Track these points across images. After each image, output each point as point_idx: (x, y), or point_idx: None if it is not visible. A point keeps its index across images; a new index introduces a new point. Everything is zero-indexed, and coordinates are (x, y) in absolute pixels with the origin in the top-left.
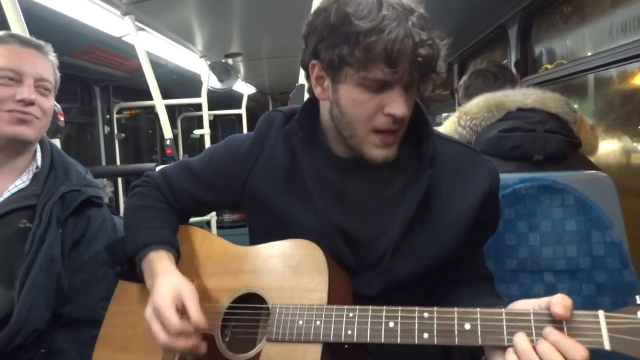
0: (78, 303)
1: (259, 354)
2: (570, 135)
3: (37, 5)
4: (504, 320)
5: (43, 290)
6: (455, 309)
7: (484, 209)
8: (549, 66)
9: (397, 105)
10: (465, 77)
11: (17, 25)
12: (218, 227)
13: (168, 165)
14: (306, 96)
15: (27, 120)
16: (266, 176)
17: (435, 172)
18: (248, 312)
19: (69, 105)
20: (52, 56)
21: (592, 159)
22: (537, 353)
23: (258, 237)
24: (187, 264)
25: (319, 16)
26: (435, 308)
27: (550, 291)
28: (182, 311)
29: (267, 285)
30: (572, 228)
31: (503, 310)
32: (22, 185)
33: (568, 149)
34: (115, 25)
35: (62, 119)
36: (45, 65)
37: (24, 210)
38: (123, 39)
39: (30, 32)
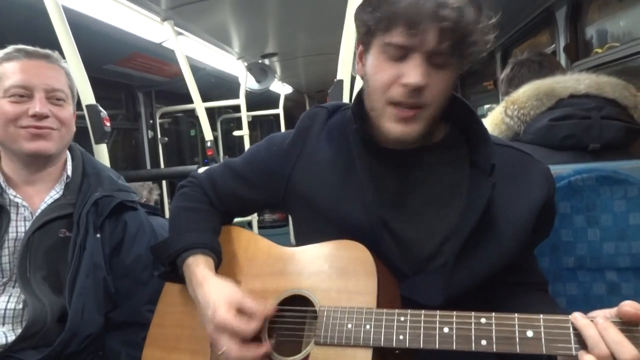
0: (124, 307)
1: (307, 357)
2: (630, 121)
3: (82, 15)
4: (571, 328)
5: (92, 295)
6: (516, 314)
7: (542, 214)
8: (599, 50)
9: (413, 74)
10: (506, 71)
11: (65, 36)
12: (259, 227)
13: (213, 165)
14: (346, 92)
15: (43, 134)
16: (310, 172)
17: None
18: (295, 314)
19: (114, 111)
20: (63, 63)
21: None
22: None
23: (303, 235)
24: (232, 265)
25: None
26: (494, 314)
27: (613, 290)
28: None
29: (314, 287)
30: (637, 222)
31: (569, 317)
32: (57, 196)
33: (628, 136)
34: (156, 31)
35: (108, 124)
36: (55, 74)
37: (62, 220)
38: (163, 44)
39: (77, 43)
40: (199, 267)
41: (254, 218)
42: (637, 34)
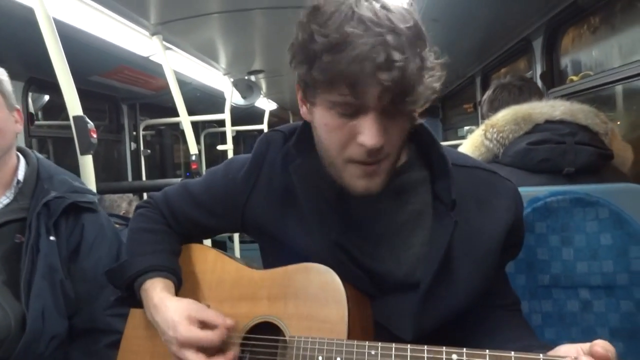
0: (85, 313)
1: None
2: (601, 147)
3: (70, 27)
4: None
5: (51, 297)
6: (487, 352)
7: (511, 236)
8: (574, 78)
9: (369, 135)
10: (489, 92)
11: (54, 47)
12: (241, 242)
13: (170, 187)
14: None
15: None
16: (265, 202)
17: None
18: (265, 343)
19: (97, 122)
20: None
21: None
22: None
23: (267, 261)
24: (198, 288)
25: (296, 32)
26: (465, 350)
27: (586, 308)
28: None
29: (284, 314)
30: (608, 242)
31: (541, 356)
32: (6, 201)
33: (600, 161)
34: (144, 45)
35: (94, 135)
36: None
37: (16, 224)
38: (150, 58)
39: (64, 53)
40: (156, 290)
41: (235, 234)
42: (607, 64)
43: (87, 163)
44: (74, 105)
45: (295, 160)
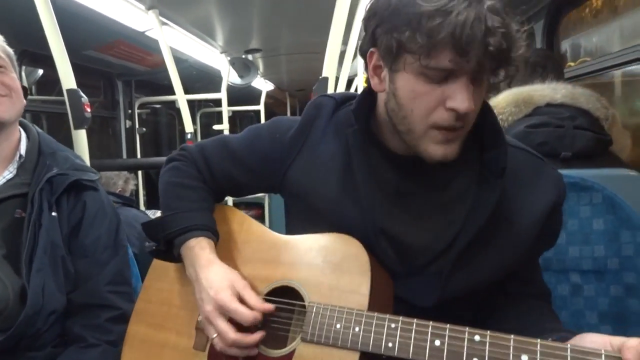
0: (84, 289)
1: (292, 353)
2: (600, 132)
3: None
4: (568, 357)
5: (52, 273)
6: (512, 336)
7: (549, 222)
8: (572, 64)
9: (461, 99)
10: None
11: (48, 19)
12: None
13: (206, 140)
14: (331, 90)
15: None
16: (310, 168)
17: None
18: (283, 306)
19: (92, 99)
20: None
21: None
22: None
23: (295, 226)
24: (223, 248)
25: None
26: (489, 332)
27: (576, 292)
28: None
29: (305, 280)
30: (600, 227)
31: (568, 345)
32: (10, 176)
33: (598, 146)
34: (140, 19)
35: (88, 110)
36: None
37: (17, 199)
38: (146, 33)
39: (59, 26)
40: (204, 250)
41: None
42: (608, 49)
43: (80, 138)
44: (67, 78)
45: (353, 125)
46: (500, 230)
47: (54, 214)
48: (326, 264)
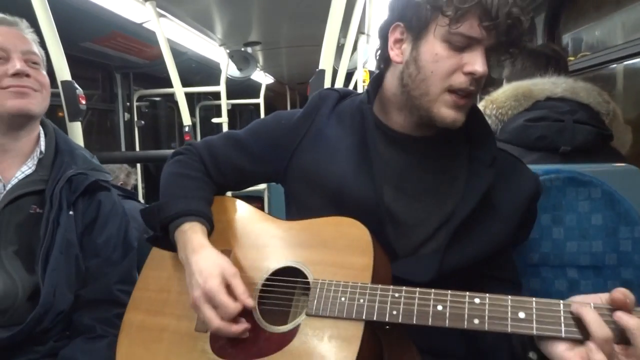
0: (95, 286)
1: (296, 328)
2: (601, 126)
3: None
4: (562, 312)
5: (65, 272)
6: (509, 297)
7: (529, 212)
8: (572, 58)
9: (479, 63)
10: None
11: (41, 8)
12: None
13: (212, 136)
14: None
15: (26, 92)
16: (316, 148)
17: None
18: (286, 285)
19: (90, 91)
20: (31, 32)
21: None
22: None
23: (297, 209)
24: (224, 234)
25: None
26: (487, 294)
27: (573, 287)
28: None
29: (308, 261)
30: (599, 222)
31: (561, 301)
32: (29, 171)
33: (598, 140)
34: (136, 11)
35: (83, 102)
36: (27, 39)
37: (33, 196)
38: (144, 25)
39: (54, 17)
40: (197, 234)
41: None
42: (610, 42)
43: (75, 130)
44: (62, 70)
45: (361, 112)
46: (488, 215)
47: (71, 212)
48: (330, 245)
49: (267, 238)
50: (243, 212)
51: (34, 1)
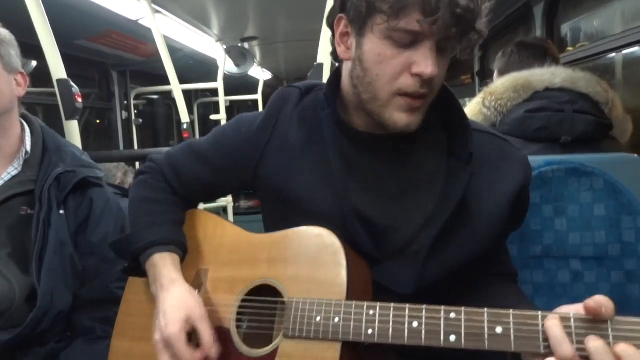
0: (94, 285)
1: (275, 350)
2: (601, 116)
3: None
4: (540, 326)
5: (60, 272)
6: (486, 310)
7: (518, 203)
8: (570, 49)
9: (426, 64)
10: (508, 48)
11: (35, 6)
12: (234, 214)
13: (173, 147)
14: (327, 75)
15: None
16: (280, 157)
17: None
18: (263, 305)
19: (87, 90)
20: None
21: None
22: None
23: (271, 222)
24: (198, 253)
25: None
26: (463, 308)
27: (576, 278)
28: (191, 331)
29: (283, 277)
30: (601, 213)
31: (539, 313)
32: (14, 172)
33: (598, 130)
34: (131, 7)
35: (80, 100)
36: None
37: (22, 197)
38: (140, 22)
39: (48, 15)
40: (166, 267)
41: (229, 204)
42: (609, 32)
43: (72, 129)
44: (57, 68)
45: (323, 109)
46: (471, 213)
47: (61, 212)
48: (302, 258)
49: (241, 254)
50: (216, 227)
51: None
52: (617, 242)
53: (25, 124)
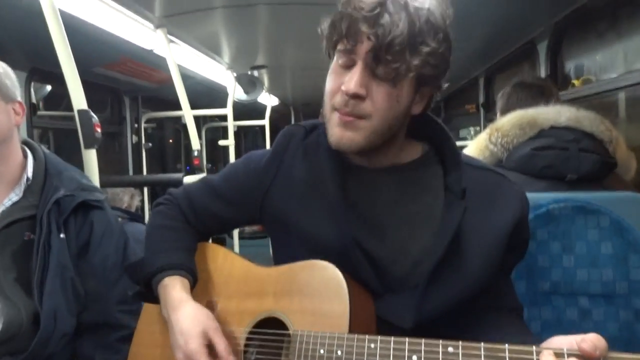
0: (95, 309)
1: None
2: (605, 155)
3: (75, 18)
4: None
5: (62, 295)
6: (482, 344)
7: (516, 235)
8: (575, 82)
9: (349, 81)
10: (507, 89)
11: (60, 39)
12: (240, 238)
13: (191, 183)
14: None
15: None
16: (285, 192)
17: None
18: (270, 337)
19: (98, 114)
20: None
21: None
22: None
23: (279, 254)
24: (207, 285)
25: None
26: (460, 342)
27: (584, 316)
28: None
29: (288, 310)
30: (608, 251)
31: (534, 348)
32: (16, 199)
33: (603, 169)
34: (146, 37)
35: (99, 130)
36: None
37: (25, 222)
38: (154, 51)
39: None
40: (175, 289)
41: (235, 229)
42: (612, 69)
43: (90, 157)
44: (78, 99)
45: (323, 146)
46: (468, 247)
47: (62, 235)
48: (306, 292)
49: (249, 286)
50: (225, 259)
51: (53, 31)
52: (624, 280)
53: (28, 150)
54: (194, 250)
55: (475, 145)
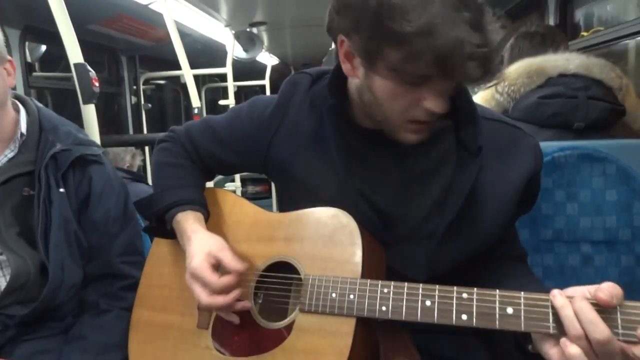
0: (98, 261)
1: (291, 324)
2: (614, 102)
3: None
4: (550, 307)
5: (67, 248)
6: (497, 291)
7: (528, 189)
8: (585, 34)
9: (436, 104)
10: (511, 41)
11: None
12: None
13: (192, 121)
14: None
15: None
16: (289, 142)
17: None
18: (280, 280)
19: (97, 75)
20: None
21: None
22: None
23: (284, 203)
24: (217, 229)
25: None
26: (475, 289)
27: (587, 262)
28: (218, 266)
29: (300, 254)
30: (613, 198)
31: (549, 296)
32: (11, 155)
33: (611, 117)
34: None
35: (96, 84)
36: None
37: (23, 178)
38: (150, 6)
39: None
40: (189, 222)
41: (237, 189)
42: (623, 17)
43: (89, 113)
44: (74, 53)
45: (327, 101)
46: (482, 202)
47: (62, 190)
48: (319, 237)
49: (259, 231)
50: (235, 205)
51: None
52: (627, 226)
53: (20, 105)
54: (203, 187)
55: (481, 96)
